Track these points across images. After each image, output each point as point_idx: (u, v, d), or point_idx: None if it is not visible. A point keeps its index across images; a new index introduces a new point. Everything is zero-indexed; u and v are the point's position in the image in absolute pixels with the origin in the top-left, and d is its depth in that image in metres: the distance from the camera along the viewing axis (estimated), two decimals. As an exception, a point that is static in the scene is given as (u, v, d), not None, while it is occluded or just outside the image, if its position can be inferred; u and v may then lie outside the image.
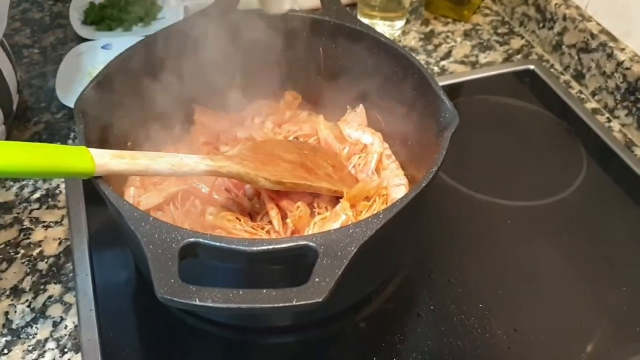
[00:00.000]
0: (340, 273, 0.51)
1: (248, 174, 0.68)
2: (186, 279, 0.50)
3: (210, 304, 0.48)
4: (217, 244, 0.53)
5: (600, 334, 0.73)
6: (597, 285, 0.77)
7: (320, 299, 0.50)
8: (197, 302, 0.48)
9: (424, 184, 0.60)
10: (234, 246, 0.53)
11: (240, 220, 0.73)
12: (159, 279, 0.50)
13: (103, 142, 0.68)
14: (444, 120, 0.69)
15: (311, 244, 0.53)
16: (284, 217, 0.74)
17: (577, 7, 1.08)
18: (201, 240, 0.53)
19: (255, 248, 0.53)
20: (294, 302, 0.49)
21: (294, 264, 0.58)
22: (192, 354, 0.70)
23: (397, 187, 0.77)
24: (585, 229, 0.84)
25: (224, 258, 0.56)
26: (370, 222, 0.56)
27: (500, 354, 0.70)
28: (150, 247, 0.52)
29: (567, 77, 1.10)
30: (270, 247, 0.54)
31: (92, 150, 0.58)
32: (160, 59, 0.78)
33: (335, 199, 0.76)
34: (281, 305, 0.49)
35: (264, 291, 0.50)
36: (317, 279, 0.51)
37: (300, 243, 0.54)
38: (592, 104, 1.05)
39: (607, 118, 1.02)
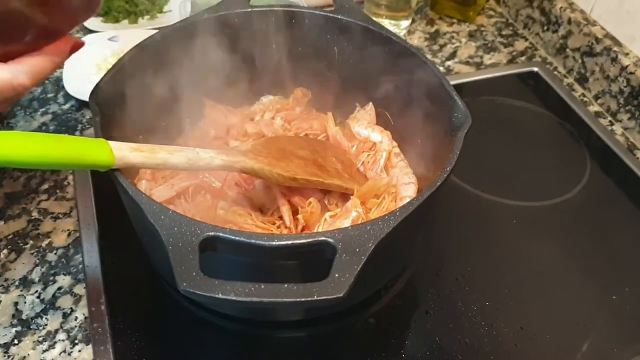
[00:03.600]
0: (359, 269, 0.52)
1: (262, 169, 0.68)
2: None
3: (233, 298, 0.49)
4: (237, 238, 0.53)
5: (605, 333, 0.74)
6: (601, 286, 0.79)
7: (341, 294, 0.50)
8: (220, 296, 0.49)
9: (438, 183, 0.61)
10: (253, 241, 0.54)
11: (251, 215, 0.73)
12: (181, 272, 0.50)
13: (116, 134, 0.68)
14: (456, 121, 0.70)
15: (330, 240, 0.54)
16: (294, 212, 0.74)
17: (582, 12, 1.09)
18: (220, 234, 0.54)
19: (274, 243, 0.54)
20: (315, 297, 0.50)
21: (310, 259, 0.58)
22: (201, 346, 0.70)
23: (406, 185, 0.78)
24: (589, 229, 0.85)
25: (242, 252, 0.56)
26: (387, 220, 0.56)
27: (507, 351, 0.71)
28: (171, 240, 0.53)
29: (570, 80, 1.11)
30: (290, 242, 0.54)
31: (111, 143, 0.58)
32: (173, 53, 0.78)
33: (345, 195, 0.76)
34: (303, 299, 0.50)
35: (285, 285, 0.50)
36: (336, 275, 0.51)
37: (320, 239, 0.54)
38: (594, 107, 1.06)
39: (610, 121, 1.03)
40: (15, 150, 0.51)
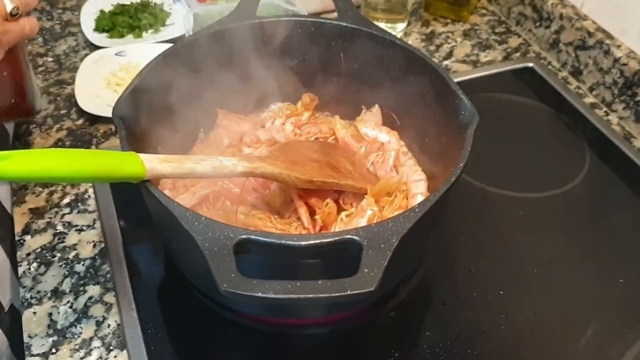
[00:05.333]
0: (386, 263, 0.55)
1: (281, 173, 0.71)
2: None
3: (272, 295, 0.51)
4: (268, 239, 0.56)
5: (614, 315, 0.77)
6: (608, 270, 0.82)
7: (372, 288, 0.53)
8: (260, 294, 0.52)
9: (453, 179, 0.64)
10: (283, 241, 0.56)
11: (270, 218, 0.76)
12: (220, 274, 0.53)
13: (137, 147, 0.70)
14: (464, 118, 0.73)
15: (355, 237, 0.57)
16: (311, 213, 0.77)
17: (573, 7, 1.12)
18: (252, 236, 0.56)
19: (304, 242, 0.56)
20: (348, 292, 0.53)
21: (334, 257, 0.61)
22: (229, 344, 0.73)
23: (417, 182, 0.81)
24: (593, 217, 0.89)
25: (273, 253, 0.59)
26: (408, 216, 0.59)
27: (523, 336, 0.74)
28: (206, 244, 0.55)
29: (564, 73, 1.15)
30: (318, 241, 0.57)
31: (141, 156, 0.61)
32: (186, 66, 0.80)
33: (358, 195, 0.79)
34: (337, 294, 0.52)
35: (320, 282, 0.53)
36: (365, 270, 0.54)
37: (346, 237, 0.57)
38: (590, 99, 1.09)
39: (605, 112, 1.07)
40: (56, 166, 0.54)
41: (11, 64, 0.78)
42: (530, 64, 1.15)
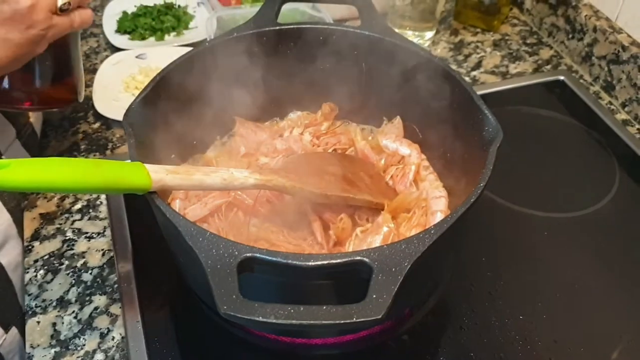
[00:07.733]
0: (396, 289, 0.52)
1: (294, 187, 0.69)
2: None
3: (273, 320, 0.49)
4: (274, 258, 0.54)
5: (640, 346, 0.73)
6: (635, 297, 0.78)
7: (380, 316, 0.50)
8: (260, 319, 0.49)
9: (472, 200, 0.61)
10: (290, 261, 0.54)
11: (283, 232, 0.74)
12: (221, 295, 0.50)
13: (149, 155, 0.68)
14: (487, 135, 0.69)
15: (366, 259, 0.54)
16: (325, 228, 0.74)
17: (608, 19, 1.08)
18: (258, 255, 0.54)
19: (310, 263, 0.54)
20: (355, 319, 0.50)
21: (345, 279, 0.59)
22: (236, 364, 0.71)
23: (437, 199, 0.78)
24: (622, 240, 0.85)
25: (279, 272, 0.56)
26: (422, 238, 0.56)
27: (542, 365, 0.71)
28: (209, 262, 0.53)
29: (596, 88, 1.10)
30: (326, 262, 0.54)
31: (148, 166, 0.59)
32: (203, 72, 0.79)
33: (376, 210, 0.76)
34: (342, 322, 0.50)
35: (324, 307, 0.50)
36: (374, 295, 0.51)
37: (356, 258, 0.54)
38: (622, 115, 1.05)
39: (638, 129, 1.02)
40: (55, 176, 0.52)
41: (58, 48, 0.78)
42: (561, 77, 1.11)
